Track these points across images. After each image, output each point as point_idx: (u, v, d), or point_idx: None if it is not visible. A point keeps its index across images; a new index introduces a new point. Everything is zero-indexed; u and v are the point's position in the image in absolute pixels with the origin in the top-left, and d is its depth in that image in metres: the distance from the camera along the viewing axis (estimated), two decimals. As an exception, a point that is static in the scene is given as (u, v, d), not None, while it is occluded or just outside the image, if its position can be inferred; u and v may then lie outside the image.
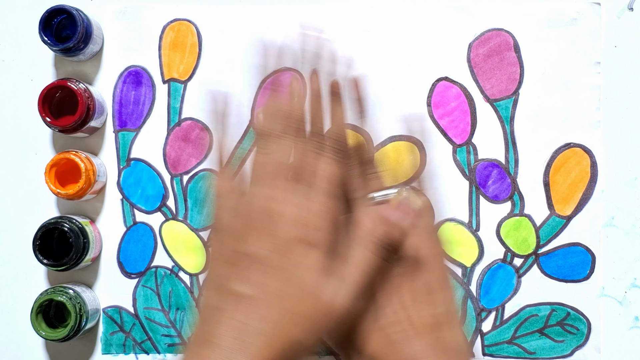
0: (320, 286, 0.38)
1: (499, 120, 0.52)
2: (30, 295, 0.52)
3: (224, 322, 0.37)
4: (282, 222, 0.38)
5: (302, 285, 0.37)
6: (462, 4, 0.52)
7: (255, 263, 0.37)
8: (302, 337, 0.37)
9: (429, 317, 0.39)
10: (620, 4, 0.52)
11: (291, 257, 0.37)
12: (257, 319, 0.36)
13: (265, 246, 0.37)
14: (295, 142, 0.40)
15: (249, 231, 0.38)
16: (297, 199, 0.39)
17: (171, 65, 0.53)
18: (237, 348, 0.36)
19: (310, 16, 0.53)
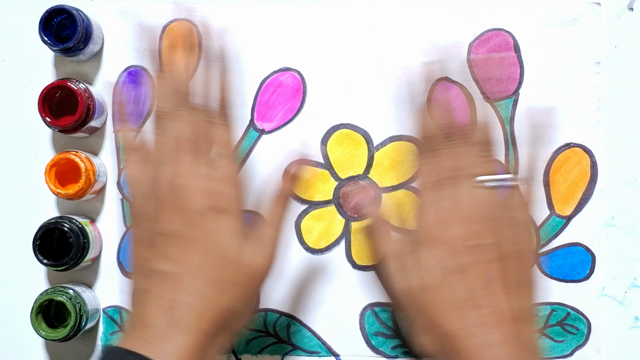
0: (238, 250, 0.39)
1: (499, 120, 0.52)
2: (30, 295, 0.52)
3: (153, 302, 0.38)
4: (190, 195, 0.39)
5: (220, 252, 0.38)
6: (462, 4, 0.52)
7: (172, 239, 0.38)
8: (231, 303, 0.39)
9: (514, 309, 0.39)
10: (620, 4, 0.52)
11: (205, 226, 0.38)
12: (184, 293, 0.37)
13: (177, 221, 0.38)
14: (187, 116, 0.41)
15: (161, 210, 0.39)
16: (199, 169, 0.39)
17: (171, 65, 0.53)
18: (169, 325, 0.37)
19: (310, 16, 0.53)
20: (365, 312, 0.52)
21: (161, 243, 0.38)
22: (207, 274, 0.38)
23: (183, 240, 0.38)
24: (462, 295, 0.39)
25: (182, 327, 0.37)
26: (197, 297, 0.37)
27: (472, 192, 0.40)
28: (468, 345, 0.38)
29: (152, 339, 0.36)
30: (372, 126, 0.52)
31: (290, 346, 0.52)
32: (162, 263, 0.38)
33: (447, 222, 0.40)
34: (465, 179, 0.41)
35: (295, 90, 0.52)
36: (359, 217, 0.52)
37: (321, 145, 0.52)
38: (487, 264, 0.39)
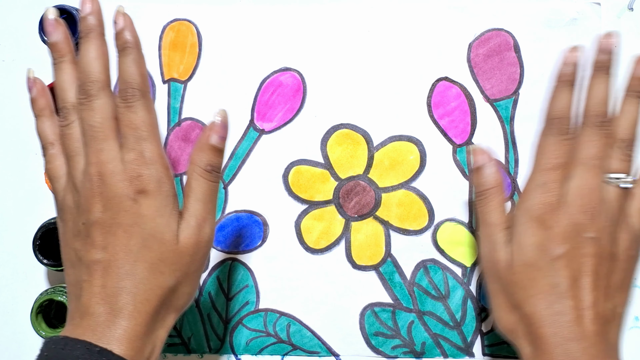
0: (167, 229, 0.39)
1: (499, 120, 0.52)
2: (30, 295, 0.52)
3: (90, 291, 0.38)
4: (112, 181, 0.39)
5: (150, 233, 0.38)
6: (462, 4, 0.52)
7: (99, 227, 0.38)
8: (169, 282, 0.39)
9: (607, 310, 0.39)
10: (620, 4, 0.52)
11: (131, 210, 0.38)
12: (120, 279, 0.38)
13: (102, 209, 0.38)
14: (97, 103, 0.40)
15: (84, 200, 0.39)
16: (118, 154, 0.39)
17: (171, 65, 0.53)
18: (111, 311, 0.37)
19: (310, 16, 0.53)
20: (365, 312, 0.52)
21: (91, 232, 0.38)
22: (139, 256, 0.38)
23: (111, 227, 0.38)
24: (559, 283, 0.39)
25: (123, 312, 0.37)
26: (133, 280, 0.38)
27: (602, 185, 0.40)
28: (550, 334, 0.38)
29: (95, 327, 0.37)
30: (372, 126, 0.52)
31: (290, 346, 0.52)
32: (93, 252, 0.38)
33: (561, 206, 0.40)
34: (600, 171, 0.41)
35: (295, 90, 0.53)
36: (359, 217, 0.52)
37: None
38: (589, 258, 0.39)
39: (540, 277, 0.39)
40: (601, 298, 0.39)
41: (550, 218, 0.40)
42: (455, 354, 0.51)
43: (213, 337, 0.52)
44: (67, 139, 0.41)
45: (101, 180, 0.39)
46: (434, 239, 0.52)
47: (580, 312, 0.38)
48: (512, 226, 0.41)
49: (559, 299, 0.38)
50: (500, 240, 0.41)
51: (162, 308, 0.39)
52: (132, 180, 0.39)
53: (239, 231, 0.52)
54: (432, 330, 0.51)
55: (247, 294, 0.52)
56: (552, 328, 0.38)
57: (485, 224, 0.42)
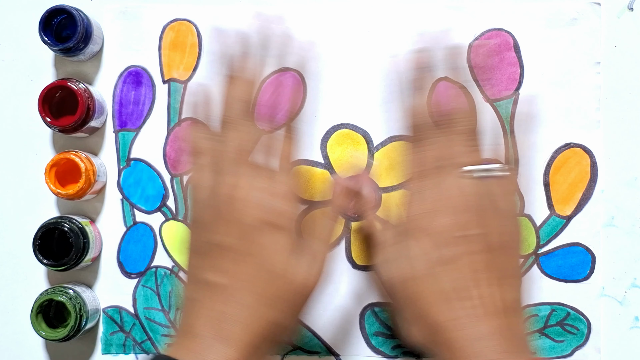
0: (290, 267, 0.39)
1: (499, 120, 0.52)
2: (30, 295, 0.52)
3: (202, 312, 0.38)
4: (247, 208, 0.38)
5: (273, 268, 0.38)
6: (462, 4, 0.52)
7: (226, 251, 0.38)
8: (279, 318, 0.39)
9: (502, 300, 0.38)
10: (620, 4, 0.52)
11: (259, 241, 0.38)
12: (233, 306, 0.37)
13: (233, 234, 0.38)
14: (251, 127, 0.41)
15: (217, 221, 0.39)
16: (259, 182, 0.39)
17: (171, 65, 0.53)
18: (216, 336, 0.37)
19: (310, 16, 0.53)
20: (365, 312, 0.52)
21: (214, 254, 0.38)
22: (256, 288, 0.38)
23: (236, 254, 0.38)
24: (450, 287, 0.39)
25: (227, 339, 0.37)
26: (245, 310, 0.38)
27: (458, 182, 0.40)
28: (457, 337, 0.38)
29: (198, 348, 0.37)
30: (372, 126, 0.52)
31: (290, 346, 0.52)
32: (213, 274, 0.38)
33: (433, 212, 0.40)
34: (452, 169, 0.40)
35: (295, 90, 0.52)
36: (359, 217, 0.52)
37: None
38: (474, 255, 0.39)
39: (436, 284, 0.39)
40: (497, 291, 0.38)
41: (430, 225, 0.40)
42: (455, 354, 0.51)
43: (213, 337, 0.52)
44: (219, 155, 0.40)
45: (236, 204, 0.39)
46: (434, 239, 0.51)
47: (481, 310, 0.38)
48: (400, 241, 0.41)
49: (455, 302, 0.38)
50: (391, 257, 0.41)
51: (263, 341, 0.38)
52: (266, 212, 0.39)
53: (239, 231, 0.52)
54: (432, 330, 0.51)
55: (247, 294, 0.52)
56: (456, 332, 0.38)
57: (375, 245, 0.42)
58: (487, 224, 0.39)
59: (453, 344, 0.38)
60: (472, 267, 0.39)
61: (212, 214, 0.39)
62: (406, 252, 0.40)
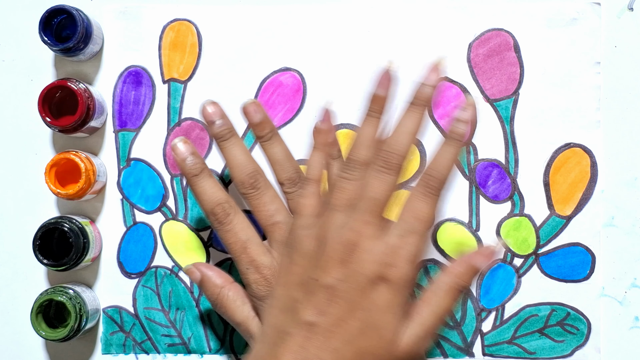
0: (396, 329, 0.37)
1: (499, 120, 0.52)
2: (30, 295, 0.52)
3: (292, 348, 0.37)
4: (366, 258, 0.37)
5: (377, 326, 0.37)
6: (462, 4, 0.52)
7: (333, 296, 0.37)
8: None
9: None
10: (620, 4, 0.52)
11: (371, 295, 0.37)
12: (321, 350, 0.36)
13: (337, 275, 0.37)
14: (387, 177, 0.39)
15: (329, 260, 0.37)
16: (386, 236, 0.38)
17: (171, 65, 0.53)
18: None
19: (310, 16, 0.53)
20: (365, 312, 0.51)
21: (319, 294, 0.37)
22: (357, 342, 0.37)
23: (344, 301, 0.37)
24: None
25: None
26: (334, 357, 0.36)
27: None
28: None
29: None
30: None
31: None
32: (314, 315, 0.37)
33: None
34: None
35: (295, 90, 0.52)
36: None
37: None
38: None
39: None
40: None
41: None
42: (455, 354, 0.51)
43: (213, 337, 0.52)
44: (340, 192, 0.39)
45: (355, 251, 0.37)
46: (434, 239, 0.51)
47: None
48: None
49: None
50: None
51: None
52: (382, 266, 0.37)
53: (239, 231, 0.52)
54: (432, 330, 0.51)
55: (247, 294, 0.52)
56: None
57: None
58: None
59: None
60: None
61: (322, 250, 0.38)
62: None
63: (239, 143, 0.46)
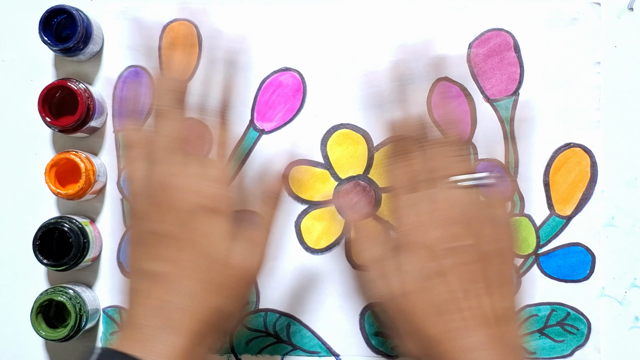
0: (228, 251, 0.39)
1: (499, 120, 0.52)
2: (30, 295, 0.52)
3: (144, 302, 0.38)
4: (183, 194, 0.38)
5: (212, 253, 0.38)
6: (462, 4, 0.52)
7: (163, 239, 0.38)
8: (223, 305, 0.39)
9: (496, 309, 0.38)
10: (620, 4, 0.52)
11: (196, 227, 0.38)
12: (175, 294, 0.37)
13: (169, 221, 0.38)
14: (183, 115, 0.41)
15: (152, 209, 0.39)
16: (194, 169, 0.39)
17: (169, 64, 0.53)
18: (161, 325, 0.37)
19: (310, 16, 0.53)
20: (365, 312, 0.52)
21: (152, 242, 0.38)
22: (197, 275, 0.38)
23: (174, 241, 0.38)
24: (443, 299, 0.38)
25: (172, 327, 0.37)
26: (187, 298, 0.38)
27: (448, 193, 0.40)
28: (450, 349, 0.38)
29: (143, 339, 0.37)
30: (372, 126, 0.52)
31: (290, 346, 0.52)
32: (152, 263, 0.38)
33: (425, 225, 0.40)
34: (441, 180, 0.40)
35: (295, 90, 0.53)
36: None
37: None
38: (467, 266, 0.39)
39: (427, 298, 0.39)
40: (491, 300, 0.38)
41: (420, 239, 0.39)
42: (455, 354, 0.51)
43: (213, 337, 0.52)
44: (152, 145, 0.40)
45: (173, 192, 0.38)
46: (434, 239, 0.51)
47: (474, 320, 0.38)
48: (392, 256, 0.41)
49: (453, 312, 0.38)
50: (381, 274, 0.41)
51: (209, 329, 0.38)
52: (198, 197, 0.38)
53: (239, 231, 0.52)
54: (432, 330, 0.51)
55: (247, 294, 0.52)
56: (452, 343, 0.38)
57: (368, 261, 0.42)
58: (479, 233, 0.39)
59: (446, 355, 0.38)
60: (461, 279, 0.39)
61: (149, 203, 0.39)
62: (399, 266, 0.40)
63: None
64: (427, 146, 0.41)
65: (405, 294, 0.39)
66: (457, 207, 0.40)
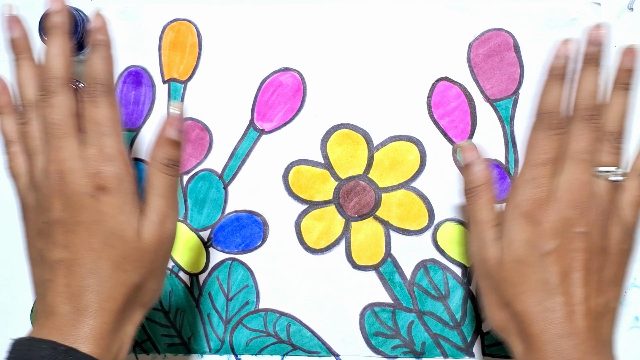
0: (128, 226, 0.39)
1: (499, 120, 0.52)
2: (30, 295, 0.52)
3: (55, 290, 0.38)
4: (72, 178, 0.38)
5: (111, 230, 0.38)
6: (462, 4, 0.52)
7: (60, 226, 0.38)
8: (134, 279, 0.39)
9: (599, 305, 0.38)
10: (620, 4, 0.52)
11: (91, 207, 0.38)
12: (82, 277, 0.37)
13: (62, 207, 0.38)
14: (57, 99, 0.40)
15: (45, 199, 0.39)
16: (78, 151, 0.39)
17: (171, 65, 0.53)
18: (74, 310, 0.37)
19: (310, 16, 0.53)
20: (365, 312, 0.52)
21: (53, 231, 0.38)
22: (102, 254, 0.38)
23: (71, 225, 0.38)
24: (549, 279, 0.38)
25: (88, 310, 0.37)
26: (96, 279, 0.38)
27: (592, 179, 0.40)
28: (540, 331, 0.38)
29: (62, 326, 0.37)
30: (372, 126, 0.52)
31: (290, 346, 0.52)
32: (55, 251, 0.38)
33: (550, 202, 0.40)
34: (589, 164, 0.40)
35: (295, 90, 0.53)
36: (359, 217, 0.52)
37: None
38: (581, 254, 0.39)
39: (530, 273, 0.39)
40: (593, 293, 0.39)
41: (539, 213, 0.40)
42: (455, 354, 0.51)
43: (213, 337, 0.52)
44: (26, 137, 0.41)
45: (60, 177, 0.38)
46: (434, 239, 0.52)
47: (571, 308, 0.38)
48: (501, 223, 0.41)
49: (550, 295, 0.38)
50: (490, 238, 0.41)
51: (128, 305, 0.38)
52: (91, 177, 0.38)
53: (239, 231, 0.52)
54: (432, 330, 0.51)
55: (247, 294, 0.52)
56: (542, 325, 0.38)
57: (475, 221, 0.42)
58: (607, 228, 0.39)
59: (535, 336, 0.38)
60: (575, 265, 0.38)
61: (38, 194, 0.39)
62: (510, 234, 0.40)
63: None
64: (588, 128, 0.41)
65: (506, 263, 0.39)
66: (595, 196, 0.40)
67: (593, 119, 0.41)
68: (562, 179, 0.40)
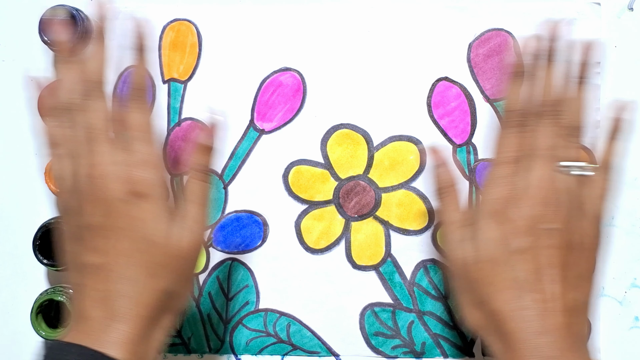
0: (163, 232, 0.39)
1: (499, 120, 0.52)
2: (30, 295, 0.52)
3: (88, 294, 0.38)
4: (108, 183, 0.39)
5: (146, 237, 0.38)
6: (462, 4, 0.52)
7: (96, 231, 0.38)
8: (167, 286, 0.39)
9: (569, 300, 0.38)
10: (620, 4, 0.52)
11: (127, 213, 0.38)
12: (116, 282, 0.38)
13: (99, 212, 0.38)
14: (97, 104, 0.40)
15: (83, 203, 0.39)
16: (115, 156, 0.39)
17: (171, 65, 0.53)
18: (107, 315, 0.37)
19: (310, 16, 0.53)
20: (365, 312, 0.52)
21: (87, 236, 0.39)
22: (136, 260, 0.38)
23: (107, 230, 0.38)
24: (522, 277, 0.38)
25: (119, 315, 0.37)
26: (129, 284, 0.38)
27: (552, 174, 0.40)
28: (516, 329, 0.38)
29: (93, 331, 0.37)
30: (372, 126, 0.52)
31: (290, 346, 0.52)
32: (91, 255, 0.38)
33: (520, 199, 0.40)
34: (548, 160, 0.40)
35: (295, 90, 0.53)
36: (359, 217, 0.52)
37: None
38: (548, 249, 0.39)
39: (503, 272, 0.39)
40: (566, 289, 0.38)
41: (509, 212, 0.39)
42: (455, 354, 0.51)
43: (213, 337, 0.52)
44: (71, 140, 0.41)
45: (95, 182, 0.39)
46: (434, 239, 0.52)
47: (545, 305, 0.38)
48: (473, 222, 0.41)
49: (524, 293, 0.38)
50: (457, 238, 0.41)
51: (159, 311, 0.39)
52: (126, 183, 0.39)
53: (239, 231, 0.52)
54: (432, 330, 0.51)
55: (247, 294, 0.52)
56: (518, 323, 0.38)
57: (442, 222, 0.42)
58: (571, 222, 0.39)
59: (511, 334, 0.38)
60: (548, 262, 0.38)
61: (77, 198, 0.39)
62: (481, 234, 0.40)
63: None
64: (544, 124, 0.41)
65: (481, 262, 0.39)
66: (557, 191, 0.39)
67: (555, 115, 0.41)
68: (529, 176, 0.40)
